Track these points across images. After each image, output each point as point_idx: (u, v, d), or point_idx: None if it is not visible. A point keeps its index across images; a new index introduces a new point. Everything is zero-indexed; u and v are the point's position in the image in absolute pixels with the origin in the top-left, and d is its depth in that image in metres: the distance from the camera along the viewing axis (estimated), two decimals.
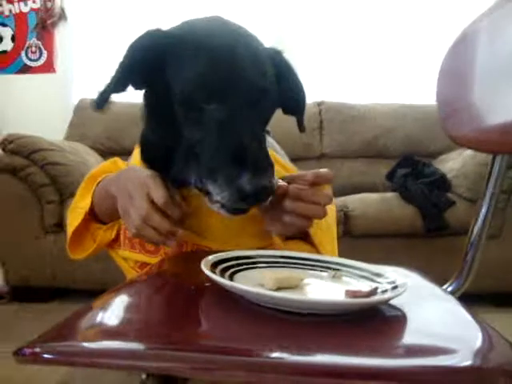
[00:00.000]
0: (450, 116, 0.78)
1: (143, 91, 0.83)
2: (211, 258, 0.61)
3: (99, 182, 0.96)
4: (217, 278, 0.53)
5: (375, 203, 2.32)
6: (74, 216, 0.98)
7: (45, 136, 2.56)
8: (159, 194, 0.73)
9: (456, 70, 0.78)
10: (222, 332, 0.47)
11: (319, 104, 3.09)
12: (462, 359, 0.43)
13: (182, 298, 0.55)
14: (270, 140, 1.25)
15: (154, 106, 0.81)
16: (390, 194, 2.43)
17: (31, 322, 2.12)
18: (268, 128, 1.33)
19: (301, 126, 0.90)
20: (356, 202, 2.31)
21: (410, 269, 0.78)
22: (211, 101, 0.69)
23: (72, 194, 2.33)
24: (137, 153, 0.95)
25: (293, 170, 1.01)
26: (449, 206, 2.27)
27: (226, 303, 0.53)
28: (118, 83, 0.75)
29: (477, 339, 0.49)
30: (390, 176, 2.69)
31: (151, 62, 0.74)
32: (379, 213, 2.27)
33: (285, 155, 1.08)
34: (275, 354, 0.42)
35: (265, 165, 0.67)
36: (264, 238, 0.87)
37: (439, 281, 1.25)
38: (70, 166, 2.42)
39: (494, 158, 0.78)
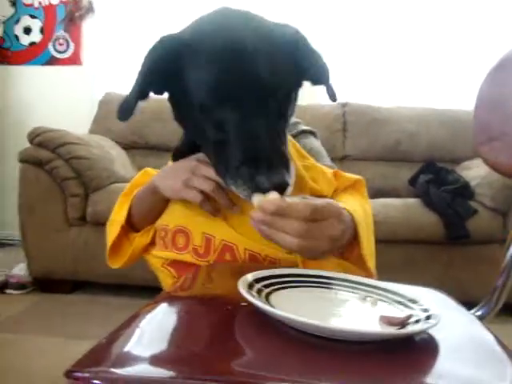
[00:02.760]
0: (486, 142, 0.77)
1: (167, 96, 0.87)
2: (248, 277, 0.62)
3: (135, 195, 1.02)
4: (256, 301, 0.54)
5: (398, 209, 2.31)
6: (113, 228, 1.03)
7: (69, 128, 2.60)
8: (208, 170, 0.83)
9: (495, 98, 0.77)
10: (257, 361, 0.49)
11: (343, 105, 3.08)
12: None
13: (218, 321, 0.56)
14: (314, 142, 1.26)
15: (177, 109, 0.86)
16: (412, 200, 2.42)
17: (52, 312, 2.17)
18: (315, 130, 1.33)
19: (330, 95, 0.88)
20: (378, 206, 2.30)
21: (440, 291, 0.78)
22: (224, 105, 0.72)
23: (96, 188, 2.38)
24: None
25: (328, 172, 1.02)
26: (471, 214, 2.25)
27: (262, 326, 0.54)
28: (140, 92, 0.78)
29: (507, 376, 0.50)
30: (413, 181, 2.68)
31: (167, 68, 0.77)
32: (401, 219, 2.27)
33: (325, 155, 1.10)
34: None
35: (278, 160, 0.70)
36: None
37: (459, 289, 1.25)
38: (94, 160, 2.45)
39: None
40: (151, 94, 0.83)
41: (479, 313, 0.84)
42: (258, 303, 0.54)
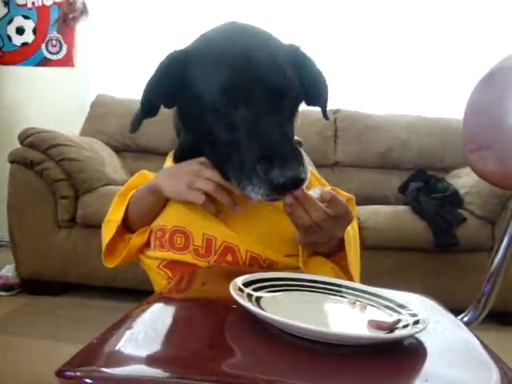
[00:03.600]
0: (474, 150, 0.79)
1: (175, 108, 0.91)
2: (239, 280, 0.63)
3: (132, 195, 1.02)
4: (247, 304, 0.55)
5: (387, 216, 2.33)
6: (108, 228, 1.03)
7: (61, 129, 2.58)
8: (211, 173, 0.85)
9: (483, 107, 0.79)
10: (248, 362, 0.49)
11: (335, 112, 3.09)
12: None
13: (211, 322, 0.56)
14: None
15: (186, 119, 0.89)
16: (401, 208, 2.43)
17: (41, 314, 2.15)
18: (300, 139, 1.35)
19: (325, 115, 0.94)
20: (367, 213, 2.32)
21: (428, 297, 0.79)
22: (237, 106, 0.75)
23: (86, 190, 2.37)
24: (169, 161, 1.01)
25: (323, 181, 1.04)
26: (460, 222, 2.27)
27: (253, 328, 0.55)
28: (144, 108, 0.85)
29: (492, 379, 0.51)
30: (403, 189, 2.70)
31: (174, 80, 0.81)
32: (390, 225, 2.28)
33: (313, 167, 1.11)
34: None
35: (293, 156, 0.71)
36: (292, 245, 0.90)
37: (446, 297, 1.30)
38: (85, 162, 2.44)
39: None
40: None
41: (466, 319, 0.85)
42: (249, 306, 0.55)
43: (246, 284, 0.64)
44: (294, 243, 0.88)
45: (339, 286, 0.71)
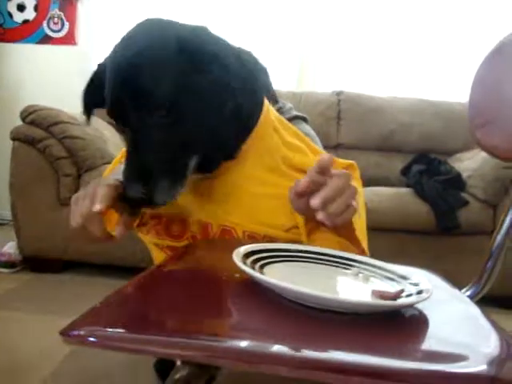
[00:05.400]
0: (481, 125, 0.78)
1: None
2: (242, 249, 0.63)
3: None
4: (250, 270, 0.55)
5: (389, 198, 2.32)
6: None
7: (63, 107, 2.57)
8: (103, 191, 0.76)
9: (491, 81, 0.78)
10: (247, 325, 0.49)
11: (338, 94, 3.08)
12: (477, 367, 0.44)
13: (212, 289, 0.57)
14: (306, 127, 1.25)
15: None
16: (404, 190, 2.43)
17: (43, 291, 2.17)
18: (305, 115, 1.31)
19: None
20: (370, 195, 2.31)
21: (430, 271, 0.79)
22: (115, 120, 0.77)
23: (89, 168, 2.37)
24: None
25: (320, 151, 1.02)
26: (462, 205, 2.27)
27: (254, 295, 0.55)
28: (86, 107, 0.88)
29: (495, 348, 0.51)
30: (405, 171, 2.69)
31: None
32: (393, 208, 2.28)
33: (319, 142, 1.10)
34: (292, 349, 0.44)
35: (135, 176, 0.72)
36: (290, 219, 0.88)
37: (449, 279, 1.31)
38: (87, 140, 2.43)
39: None
40: None
41: (467, 293, 0.86)
42: (253, 273, 0.55)
43: (249, 253, 0.64)
44: (293, 216, 0.87)
45: (342, 258, 0.71)
